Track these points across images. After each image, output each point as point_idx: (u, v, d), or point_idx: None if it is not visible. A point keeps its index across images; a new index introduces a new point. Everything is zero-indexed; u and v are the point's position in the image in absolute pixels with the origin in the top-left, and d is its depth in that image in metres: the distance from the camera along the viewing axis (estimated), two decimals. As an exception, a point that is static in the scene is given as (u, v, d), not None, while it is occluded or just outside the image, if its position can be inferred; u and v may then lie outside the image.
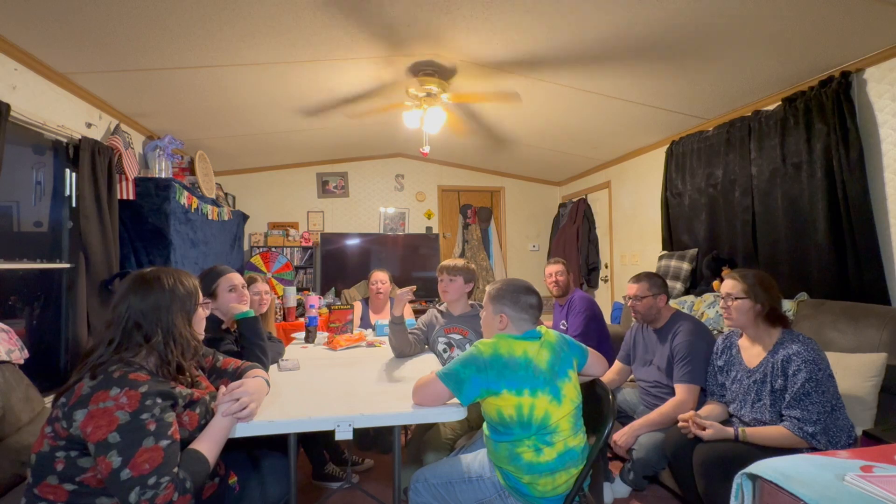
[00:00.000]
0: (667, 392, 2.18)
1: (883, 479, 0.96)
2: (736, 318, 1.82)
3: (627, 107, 3.27)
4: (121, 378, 1.09)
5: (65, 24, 2.06)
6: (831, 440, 1.59)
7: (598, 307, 3.06)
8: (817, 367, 1.62)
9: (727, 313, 1.84)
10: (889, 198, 2.30)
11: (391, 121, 3.99)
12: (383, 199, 5.67)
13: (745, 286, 1.79)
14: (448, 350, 2.30)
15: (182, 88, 2.90)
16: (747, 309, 1.78)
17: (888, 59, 2.26)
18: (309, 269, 5.27)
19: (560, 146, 4.48)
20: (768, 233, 2.86)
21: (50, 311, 2.59)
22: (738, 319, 1.81)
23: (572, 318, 2.99)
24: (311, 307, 2.74)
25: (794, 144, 2.67)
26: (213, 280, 1.90)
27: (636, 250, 4.48)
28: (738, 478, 1.14)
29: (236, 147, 4.38)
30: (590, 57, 2.58)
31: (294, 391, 1.65)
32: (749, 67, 2.57)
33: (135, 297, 1.21)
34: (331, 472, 2.31)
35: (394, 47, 2.60)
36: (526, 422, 1.42)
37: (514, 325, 1.56)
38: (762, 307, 1.76)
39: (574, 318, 2.97)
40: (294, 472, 1.46)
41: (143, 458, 1.03)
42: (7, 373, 1.76)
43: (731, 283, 1.84)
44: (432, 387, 1.45)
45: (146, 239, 2.96)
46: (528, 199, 6.06)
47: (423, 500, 1.57)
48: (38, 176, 2.56)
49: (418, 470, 1.64)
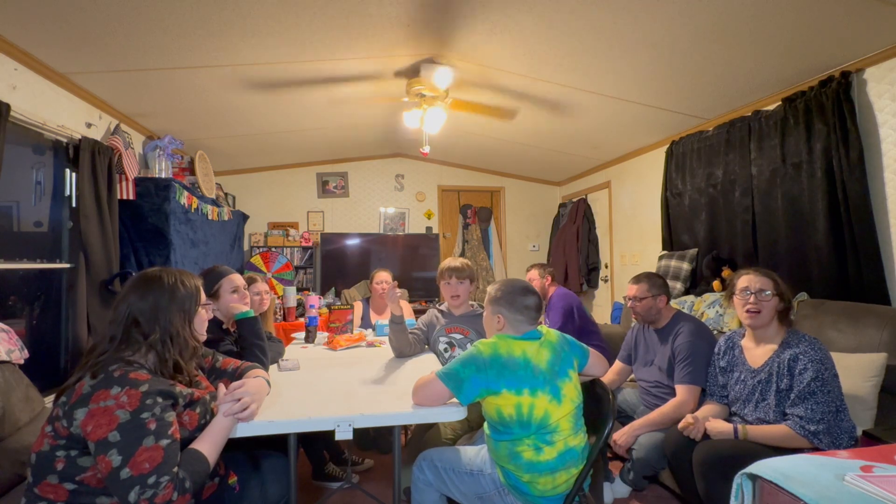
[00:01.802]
0: (667, 392, 2.18)
1: (883, 479, 0.96)
2: (765, 317, 1.76)
3: (627, 107, 3.27)
4: (121, 377, 1.09)
5: (65, 24, 2.06)
6: (834, 441, 1.59)
7: (576, 300, 3.10)
8: (824, 367, 1.62)
9: (755, 308, 1.75)
10: (889, 198, 2.30)
11: (391, 121, 3.99)
12: (383, 199, 5.67)
13: (775, 283, 1.76)
14: (449, 349, 2.30)
15: (182, 88, 2.90)
16: (775, 307, 1.75)
17: (888, 59, 2.26)
18: (309, 269, 5.27)
19: (560, 146, 4.48)
20: (768, 233, 2.86)
21: (50, 311, 2.59)
22: (766, 318, 1.76)
23: (552, 315, 3.05)
24: (311, 307, 2.74)
25: (794, 144, 2.67)
26: (214, 280, 1.89)
27: (636, 250, 4.48)
28: (738, 478, 1.13)
29: (236, 147, 4.38)
30: (590, 56, 2.58)
31: (294, 391, 1.65)
32: (749, 67, 2.57)
33: (135, 295, 1.22)
34: (331, 472, 2.31)
35: (394, 47, 2.60)
36: (525, 421, 1.43)
37: (511, 325, 1.56)
38: (785, 306, 1.76)
39: (552, 316, 3.03)
40: (294, 472, 1.46)
41: (143, 457, 1.03)
42: (7, 373, 1.76)
43: (762, 279, 1.77)
44: (432, 387, 1.46)
45: (146, 239, 2.96)
46: (528, 199, 6.06)
47: (425, 478, 1.60)
48: (38, 176, 2.56)
49: (425, 451, 1.65)
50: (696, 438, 1.77)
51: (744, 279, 1.82)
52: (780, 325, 1.77)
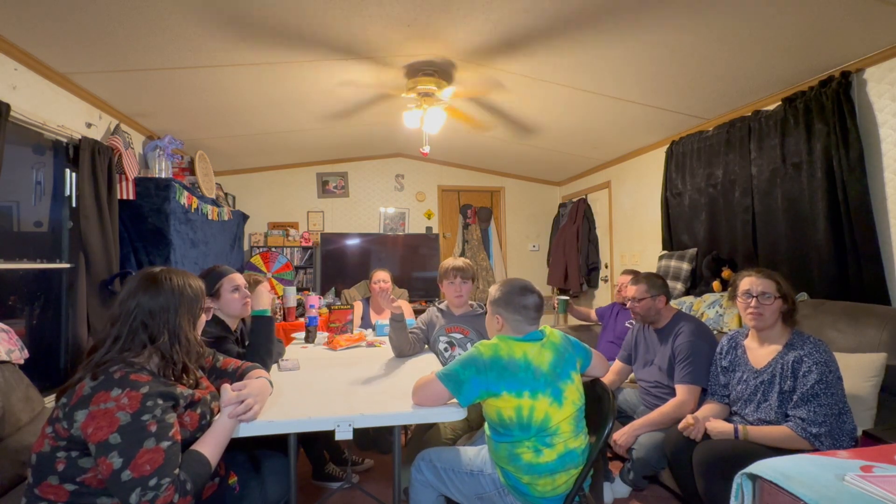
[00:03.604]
0: (667, 392, 2.18)
1: (883, 479, 0.96)
2: (768, 319, 1.75)
3: (627, 107, 3.27)
4: (122, 379, 1.09)
5: (65, 24, 2.05)
6: (835, 443, 1.58)
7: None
8: (828, 370, 1.62)
9: (758, 312, 1.75)
10: (889, 198, 2.30)
11: (391, 121, 3.99)
12: (383, 199, 5.66)
13: (778, 285, 1.75)
14: (449, 349, 2.30)
15: (182, 88, 2.90)
16: (779, 309, 1.75)
17: (888, 59, 2.26)
18: (309, 269, 5.27)
19: (560, 146, 4.48)
20: (768, 233, 2.86)
21: (50, 311, 2.58)
22: (769, 320, 1.75)
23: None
24: (311, 307, 2.74)
25: (794, 144, 2.66)
26: (215, 280, 1.89)
27: (636, 250, 4.48)
28: (738, 478, 1.14)
29: (236, 147, 4.38)
30: (590, 56, 2.58)
31: (294, 391, 1.65)
32: (749, 67, 2.57)
33: (144, 295, 1.20)
34: (331, 472, 2.32)
35: (393, 47, 2.60)
36: (525, 423, 1.42)
37: (511, 326, 1.56)
38: (789, 307, 1.75)
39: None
40: (294, 472, 1.46)
41: (143, 459, 1.03)
42: (7, 373, 1.76)
43: (765, 282, 1.76)
44: (432, 387, 1.45)
45: (146, 239, 2.96)
46: (528, 199, 6.06)
47: (424, 478, 1.60)
48: (38, 176, 2.56)
49: (424, 451, 1.65)
50: (696, 439, 1.78)
51: (746, 281, 1.81)
52: (785, 325, 1.77)
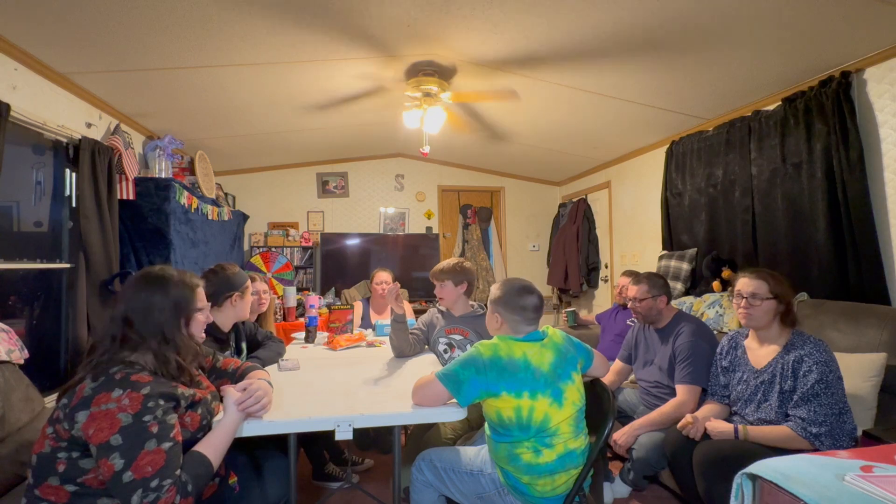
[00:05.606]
0: (667, 392, 2.18)
1: (883, 479, 0.96)
2: (759, 319, 1.76)
3: (627, 107, 3.27)
4: (123, 379, 1.09)
5: (65, 24, 2.05)
6: (835, 443, 1.58)
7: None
8: (828, 370, 1.62)
9: (748, 312, 1.77)
10: (889, 198, 2.30)
11: (391, 121, 3.99)
12: (383, 199, 5.66)
13: (771, 286, 1.75)
14: (449, 350, 2.30)
15: (182, 88, 2.90)
16: (771, 309, 1.75)
17: (888, 59, 2.26)
18: (309, 269, 5.27)
19: (560, 146, 4.48)
20: (768, 233, 2.86)
21: (50, 311, 2.58)
22: (761, 320, 1.76)
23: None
24: (311, 307, 2.75)
25: (794, 144, 2.66)
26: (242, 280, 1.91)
27: (636, 250, 4.48)
28: (738, 478, 1.14)
29: (236, 147, 4.38)
30: (589, 56, 2.58)
31: (294, 391, 1.65)
32: (749, 67, 2.56)
33: (136, 294, 1.22)
34: (331, 472, 2.32)
35: (394, 47, 2.60)
36: (525, 424, 1.42)
37: (510, 326, 1.56)
38: (785, 307, 1.75)
39: None
40: (294, 472, 1.46)
41: (145, 460, 1.03)
42: (7, 373, 1.76)
43: (755, 282, 1.77)
44: (431, 387, 1.45)
45: (146, 239, 2.96)
46: (528, 199, 6.06)
47: (424, 478, 1.60)
48: (38, 176, 2.56)
49: (424, 451, 1.65)
50: (696, 438, 1.78)
51: (739, 282, 1.84)
52: (783, 325, 1.77)
